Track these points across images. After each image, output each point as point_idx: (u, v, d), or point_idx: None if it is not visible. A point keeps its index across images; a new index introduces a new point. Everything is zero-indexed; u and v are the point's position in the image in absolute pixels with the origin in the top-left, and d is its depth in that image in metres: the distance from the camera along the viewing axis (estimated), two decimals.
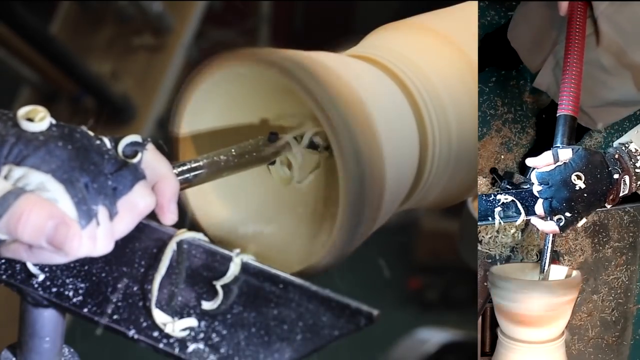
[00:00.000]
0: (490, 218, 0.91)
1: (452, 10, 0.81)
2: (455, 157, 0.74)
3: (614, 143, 0.93)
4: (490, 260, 1.10)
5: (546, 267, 0.99)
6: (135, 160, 0.50)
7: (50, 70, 1.73)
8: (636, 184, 0.90)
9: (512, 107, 1.70)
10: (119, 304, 0.53)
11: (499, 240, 1.13)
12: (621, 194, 0.88)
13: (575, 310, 1.12)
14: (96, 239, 0.47)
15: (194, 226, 0.70)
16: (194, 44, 1.91)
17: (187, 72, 0.68)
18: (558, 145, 0.89)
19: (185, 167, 0.58)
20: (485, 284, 1.08)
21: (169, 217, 0.52)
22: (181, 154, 0.69)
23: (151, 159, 0.52)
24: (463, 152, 0.74)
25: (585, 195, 0.83)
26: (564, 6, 1.03)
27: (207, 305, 0.51)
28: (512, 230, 1.16)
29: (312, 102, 0.59)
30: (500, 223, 0.91)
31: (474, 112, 0.74)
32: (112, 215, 0.48)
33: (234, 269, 0.51)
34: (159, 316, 0.51)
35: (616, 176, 0.85)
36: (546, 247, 0.97)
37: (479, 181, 1.43)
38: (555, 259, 1.13)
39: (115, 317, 0.52)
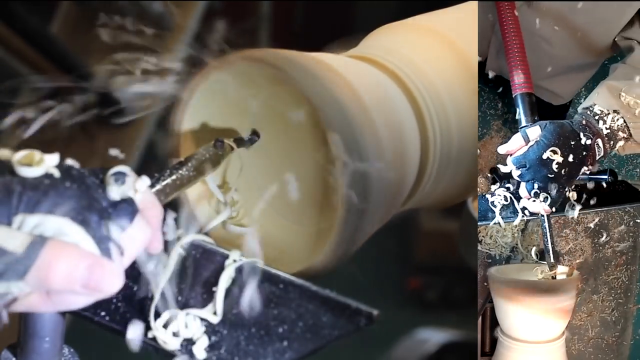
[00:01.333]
0: (490, 218, 0.91)
1: (452, 10, 0.81)
2: (455, 157, 0.74)
3: (578, 109, 0.93)
4: (490, 260, 1.10)
5: (551, 252, 0.98)
6: (132, 194, 0.49)
7: (50, 70, 1.73)
8: (609, 144, 0.91)
9: (512, 107, 1.70)
10: (119, 304, 0.53)
11: (499, 240, 1.13)
12: (597, 157, 0.88)
13: (575, 310, 1.12)
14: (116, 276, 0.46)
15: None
16: (194, 43, 1.91)
17: (187, 72, 0.68)
18: (524, 124, 0.89)
19: (157, 188, 0.56)
20: (485, 284, 1.08)
21: (156, 245, 0.51)
22: (182, 153, 0.69)
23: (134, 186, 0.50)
24: (463, 152, 0.74)
25: (564, 168, 0.83)
26: None
27: (210, 316, 0.51)
28: (512, 231, 1.16)
29: (313, 104, 0.59)
30: (500, 222, 0.91)
31: (474, 112, 0.74)
32: (121, 251, 0.47)
33: (229, 272, 0.51)
34: (159, 332, 0.51)
35: (589, 142, 0.86)
36: (544, 230, 0.96)
37: (479, 181, 1.43)
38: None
39: (115, 317, 0.52)
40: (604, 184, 1.06)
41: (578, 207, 0.97)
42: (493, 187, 1.08)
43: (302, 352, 0.50)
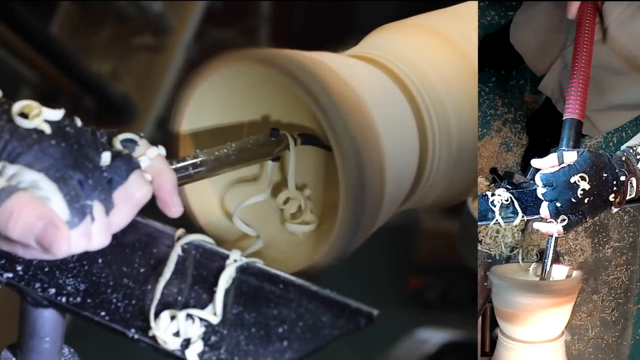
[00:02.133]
0: (490, 218, 0.91)
1: (452, 10, 0.81)
2: (455, 157, 0.74)
3: (622, 146, 0.93)
4: (490, 260, 1.10)
5: (548, 268, 0.99)
6: (141, 158, 0.50)
7: (50, 70, 1.73)
8: None
9: (512, 107, 1.70)
10: (119, 304, 0.53)
11: (499, 240, 1.13)
12: (628, 197, 0.88)
13: (575, 310, 1.12)
14: (91, 234, 0.47)
15: (194, 226, 0.70)
16: (194, 44, 1.91)
17: (187, 72, 0.68)
18: (563, 148, 0.89)
19: (185, 163, 0.58)
20: (485, 284, 1.08)
21: (175, 210, 0.52)
22: (182, 153, 0.69)
23: (146, 154, 0.52)
24: (463, 152, 0.74)
25: (589, 197, 0.83)
26: (573, 8, 1.02)
27: (210, 317, 0.51)
28: (512, 230, 1.16)
29: (313, 103, 0.59)
30: (500, 222, 0.90)
31: (474, 112, 0.74)
32: (108, 209, 0.48)
33: (230, 272, 0.51)
34: (159, 332, 0.51)
35: (623, 178, 0.85)
36: (548, 247, 0.96)
37: (479, 181, 1.43)
38: (555, 259, 1.13)
39: (115, 317, 0.52)
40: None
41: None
42: (494, 188, 1.08)
43: (302, 352, 0.50)
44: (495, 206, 0.90)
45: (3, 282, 0.53)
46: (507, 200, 0.89)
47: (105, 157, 0.48)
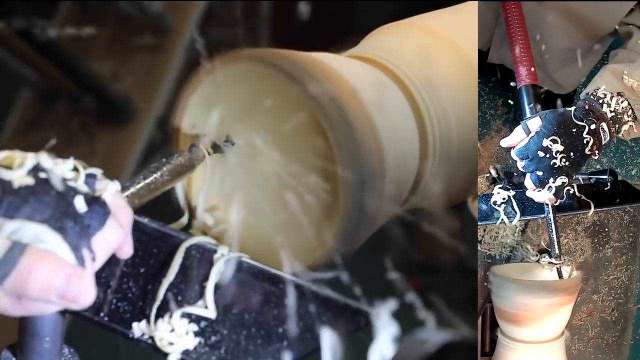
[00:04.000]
0: (492, 217, 0.91)
1: (452, 10, 0.81)
2: (455, 157, 0.74)
3: (581, 95, 0.93)
4: (490, 260, 1.10)
5: (557, 250, 0.98)
6: (104, 195, 0.48)
7: (50, 70, 1.73)
8: (615, 128, 0.90)
9: (512, 107, 1.70)
10: (119, 304, 0.53)
11: (499, 240, 1.13)
12: (604, 142, 0.88)
13: (575, 310, 1.11)
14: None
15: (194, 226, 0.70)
16: (193, 44, 1.91)
17: (187, 72, 0.68)
18: (528, 117, 0.89)
19: (129, 192, 0.56)
20: (485, 284, 1.07)
21: (128, 251, 0.50)
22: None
23: (105, 188, 0.49)
24: (463, 152, 0.74)
25: (566, 155, 0.83)
26: None
27: (203, 311, 0.51)
28: (512, 230, 1.16)
29: (313, 103, 0.59)
30: (505, 221, 0.90)
31: (474, 112, 0.74)
32: (93, 256, 0.46)
33: (219, 266, 0.51)
34: (159, 332, 0.51)
35: (593, 126, 0.85)
36: (549, 224, 0.96)
37: (479, 181, 1.43)
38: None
39: (115, 317, 0.52)
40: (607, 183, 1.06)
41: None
42: (494, 188, 1.08)
43: (302, 352, 0.50)
44: (499, 206, 0.90)
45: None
46: (504, 199, 0.89)
47: (80, 202, 0.46)
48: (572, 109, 0.87)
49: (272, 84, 0.69)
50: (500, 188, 0.93)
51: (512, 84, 1.43)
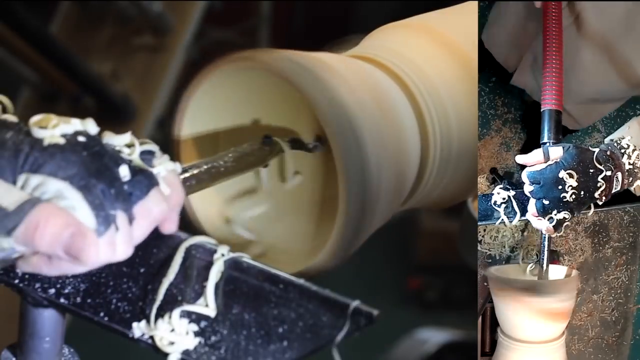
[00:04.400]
0: (492, 217, 0.91)
1: (452, 10, 0.81)
2: (455, 157, 0.74)
3: (606, 140, 0.93)
4: (490, 260, 1.10)
5: (544, 266, 0.99)
6: (156, 170, 0.50)
7: (50, 70, 1.73)
8: (628, 180, 0.90)
9: (512, 107, 1.70)
10: (119, 304, 0.53)
11: (499, 240, 1.13)
12: (613, 191, 0.88)
13: (575, 310, 1.11)
14: (116, 244, 0.47)
15: (194, 226, 0.70)
16: (194, 44, 1.91)
17: (187, 72, 0.68)
18: (546, 141, 0.89)
19: (187, 175, 0.57)
20: (485, 284, 1.08)
21: (170, 227, 0.52)
22: (182, 155, 0.69)
23: (161, 164, 0.52)
24: (463, 152, 0.74)
25: (577, 193, 0.83)
26: None
27: (202, 309, 0.51)
28: (512, 230, 1.16)
29: (313, 104, 0.59)
30: (505, 222, 0.90)
31: (474, 112, 0.74)
32: (130, 220, 0.48)
33: (219, 266, 0.51)
34: (159, 332, 0.51)
35: (608, 173, 0.85)
36: (543, 246, 0.97)
37: (479, 181, 1.43)
38: (555, 259, 1.13)
39: (115, 317, 0.52)
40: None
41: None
42: (494, 188, 1.08)
43: (302, 352, 0.50)
44: (499, 206, 0.90)
45: (4, 282, 0.53)
46: (504, 199, 0.89)
47: (124, 171, 0.48)
48: (596, 150, 0.86)
49: (273, 84, 0.69)
50: (500, 188, 0.93)
51: (511, 83, 1.43)
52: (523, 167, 0.90)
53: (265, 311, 0.50)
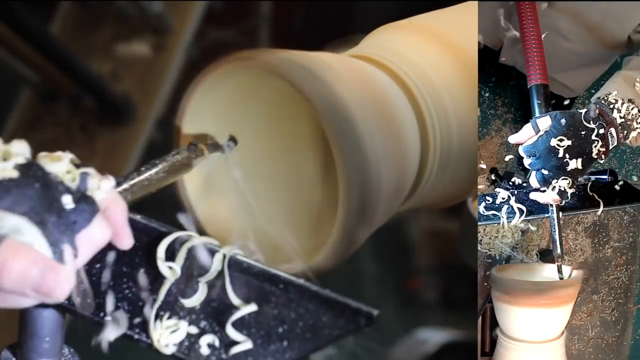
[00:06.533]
0: (492, 218, 0.91)
1: (452, 10, 0.81)
2: (455, 157, 0.74)
3: (592, 98, 0.94)
4: (490, 260, 1.10)
5: (559, 252, 0.98)
6: (95, 194, 0.48)
7: (50, 70, 1.73)
8: (623, 134, 0.91)
9: (512, 107, 1.70)
10: (119, 304, 0.53)
11: (499, 240, 1.13)
12: (610, 147, 0.89)
13: (575, 310, 1.11)
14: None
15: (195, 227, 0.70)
16: (194, 44, 1.91)
17: (187, 72, 0.68)
18: (537, 115, 0.90)
19: (122, 187, 0.57)
20: (485, 284, 1.08)
21: (126, 242, 0.50)
22: None
23: (98, 185, 0.50)
24: (463, 152, 0.74)
25: (573, 156, 0.84)
26: None
27: (187, 302, 0.51)
28: (512, 231, 1.16)
29: (313, 104, 0.59)
30: (504, 222, 0.91)
31: (474, 112, 0.75)
32: (75, 253, 0.46)
33: (217, 265, 0.52)
34: (158, 332, 0.51)
35: (602, 131, 0.86)
36: (553, 225, 0.96)
37: (479, 181, 1.43)
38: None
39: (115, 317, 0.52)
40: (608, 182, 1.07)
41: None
42: (494, 188, 1.08)
43: (302, 352, 0.50)
44: (499, 206, 0.90)
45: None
46: (504, 199, 0.90)
47: (67, 199, 0.46)
48: (583, 111, 0.87)
49: (273, 84, 0.70)
50: (500, 188, 0.93)
51: (511, 83, 1.43)
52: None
53: (265, 311, 0.50)
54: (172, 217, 0.56)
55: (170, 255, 0.53)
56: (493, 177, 1.52)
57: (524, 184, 1.18)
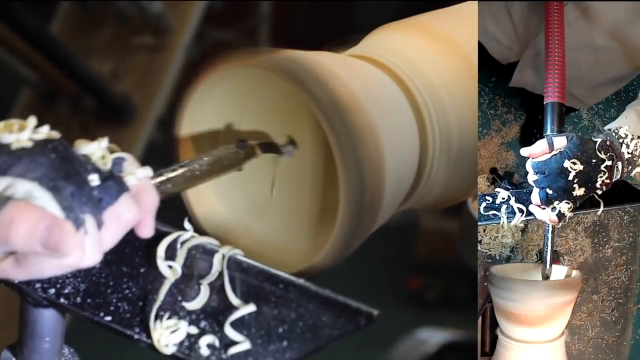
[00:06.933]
0: (492, 218, 0.91)
1: (452, 10, 0.81)
2: (455, 157, 0.74)
3: (605, 128, 0.94)
4: (490, 260, 1.10)
5: (548, 265, 0.99)
6: (127, 177, 0.50)
7: (50, 70, 1.73)
8: (627, 169, 0.91)
9: (512, 107, 1.70)
10: (119, 304, 0.53)
11: (499, 240, 1.13)
12: (613, 180, 0.89)
13: (575, 310, 1.11)
14: (85, 248, 0.46)
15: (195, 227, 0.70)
16: (194, 44, 1.91)
17: (187, 72, 0.68)
18: (549, 133, 0.89)
19: (162, 178, 0.57)
20: (485, 284, 1.08)
21: (146, 231, 0.51)
22: (181, 154, 0.69)
23: (132, 171, 0.51)
24: (463, 152, 0.74)
25: (580, 182, 0.84)
26: None
27: (190, 305, 0.51)
28: (512, 231, 1.16)
29: (312, 104, 0.59)
30: (504, 222, 0.90)
31: (474, 112, 0.74)
32: (99, 225, 0.47)
33: (217, 265, 0.52)
34: (158, 333, 0.51)
35: (610, 163, 0.86)
36: (546, 243, 0.97)
37: (479, 181, 1.43)
38: (556, 259, 1.13)
39: (115, 317, 0.52)
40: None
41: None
42: (494, 188, 1.08)
43: (302, 352, 0.50)
44: (499, 206, 0.90)
45: (4, 282, 0.53)
46: (504, 199, 0.90)
47: (93, 177, 0.48)
48: (598, 140, 0.87)
49: (273, 84, 0.70)
50: (500, 188, 0.93)
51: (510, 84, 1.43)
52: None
53: (265, 311, 0.50)
54: (172, 217, 0.56)
55: (171, 255, 0.53)
56: (493, 177, 1.52)
57: (524, 183, 1.18)
